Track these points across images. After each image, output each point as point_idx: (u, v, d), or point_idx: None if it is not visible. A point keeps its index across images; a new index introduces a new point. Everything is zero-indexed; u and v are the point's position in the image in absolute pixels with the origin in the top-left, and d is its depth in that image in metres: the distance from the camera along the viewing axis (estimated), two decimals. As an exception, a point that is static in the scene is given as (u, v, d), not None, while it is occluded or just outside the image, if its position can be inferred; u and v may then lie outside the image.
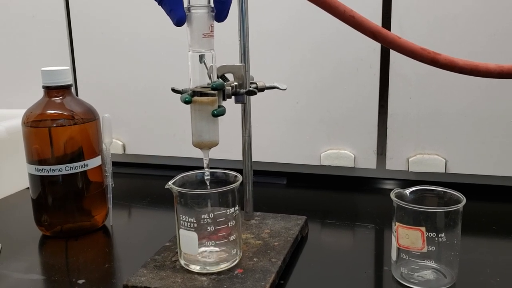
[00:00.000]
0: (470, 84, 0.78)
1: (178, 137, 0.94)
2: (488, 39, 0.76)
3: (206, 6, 0.54)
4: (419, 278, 0.54)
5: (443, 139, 0.81)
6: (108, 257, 0.65)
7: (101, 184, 0.72)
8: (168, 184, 0.56)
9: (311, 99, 0.86)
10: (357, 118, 0.84)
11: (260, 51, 0.83)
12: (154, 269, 0.56)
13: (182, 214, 0.55)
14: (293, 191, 0.90)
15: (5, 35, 1.02)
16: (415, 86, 0.81)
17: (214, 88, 0.55)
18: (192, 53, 0.55)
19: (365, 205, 0.83)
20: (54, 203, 0.69)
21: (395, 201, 0.55)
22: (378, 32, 0.52)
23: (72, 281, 0.58)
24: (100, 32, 0.95)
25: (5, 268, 0.62)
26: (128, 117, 0.97)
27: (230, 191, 0.56)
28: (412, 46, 0.52)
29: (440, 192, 0.57)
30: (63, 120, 0.68)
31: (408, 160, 0.83)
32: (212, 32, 0.55)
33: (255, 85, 0.63)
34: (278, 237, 0.64)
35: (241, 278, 0.54)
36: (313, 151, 0.88)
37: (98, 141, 0.71)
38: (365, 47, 0.81)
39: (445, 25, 0.77)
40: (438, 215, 0.53)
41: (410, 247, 0.53)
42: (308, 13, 0.82)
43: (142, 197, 0.86)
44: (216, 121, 0.57)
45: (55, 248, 0.68)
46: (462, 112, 0.80)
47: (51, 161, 0.67)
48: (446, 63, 0.52)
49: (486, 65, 0.52)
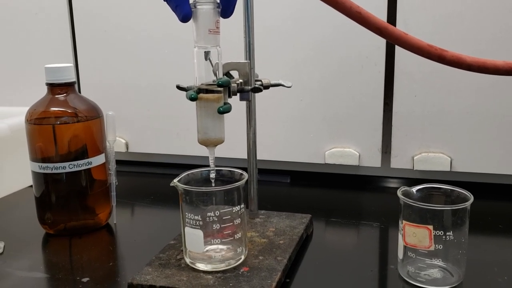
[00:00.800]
0: (475, 82, 0.77)
1: (182, 135, 0.94)
2: (494, 36, 0.75)
3: (212, 2, 0.54)
4: (426, 277, 0.54)
5: (448, 137, 0.81)
6: (112, 255, 0.65)
7: (105, 182, 0.72)
8: (174, 181, 0.55)
9: (315, 97, 0.85)
10: (362, 116, 0.84)
11: (265, 48, 0.83)
12: (159, 267, 0.56)
13: (188, 212, 0.55)
14: (297, 190, 0.90)
15: (8, 33, 1.02)
16: (420, 83, 0.80)
17: (220, 84, 0.54)
18: (198, 49, 0.55)
19: (370, 204, 0.82)
20: (57, 201, 0.69)
21: (402, 199, 0.54)
22: (385, 28, 0.52)
23: (76, 279, 0.57)
24: (103, 29, 0.95)
25: (9, 266, 0.61)
26: (131, 115, 0.96)
27: (236, 189, 0.55)
28: (419, 43, 0.52)
29: (447, 190, 0.56)
30: (66, 118, 0.68)
31: (413, 158, 0.83)
32: (218, 28, 0.55)
33: (260, 82, 0.63)
34: (283, 235, 0.63)
35: (247, 277, 0.53)
36: (317, 149, 0.87)
37: (102, 139, 0.71)
38: (369, 45, 0.81)
39: (450, 22, 0.77)
40: (446, 213, 0.52)
41: (417, 246, 0.53)
42: (313, 10, 0.82)
43: (146, 195, 0.86)
44: (222, 118, 0.56)
45: (58, 246, 0.67)
46: (467, 110, 0.79)
47: (55, 159, 0.67)
48: (454, 60, 0.52)
49: (494, 62, 0.52)
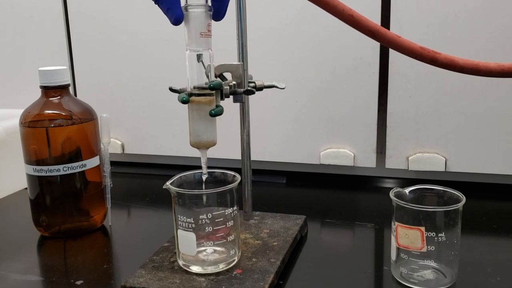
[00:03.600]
0: (469, 83, 0.77)
1: (177, 136, 0.94)
2: (488, 38, 0.75)
3: (203, 5, 0.54)
4: (419, 278, 0.54)
5: (443, 137, 0.81)
6: (106, 257, 0.65)
7: (100, 184, 0.72)
8: (166, 184, 0.55)
9: (310, 98, 0.85)
10: (357, 117, 0.84)
11: (259, 50, 0.83)
12: (152, 269, 0.56)
13: (180, 215, 0.55)
14: (293, 190, 0.90)
15: (2, 35, 1.02)
16: (415, 84, 0.80)
17: (212, 87, 0.55)
18: (190, 52, 0.55)
19: (364, 204, 0.82)
20: (52, 204, 0.69)
21: (395, 200, 0.54)
22: (377, 31, 0.52)
23: (70, 282, 0.57)
24: (98, 32, 0.95)
25: (3, 269, 0.61)
26: (127, 116, 0.96)
27: (229, 191, 0.55)
28: (411, 45, 0.52)
29: (440, 191, 0.56)
30: (60, 120, 0.68)
31: (408, 158, 0.83)
32: (209, 31, 0.55)
33: (254, 84, 0.63)
34: (277, 237, 0.63)
35: (239, 279, 0.53)
36: (313, 150, 0.87)
37: (96, 141, 0.71)
38: (364, 46, 0.81)
39: (444, 24, 0.77)
40: (438, 214, 0.52)
41: (409, 247, 0.53)
42: (307, 11, 0.82)
43: (141, 197, 0.86)
44: (213, 121, 0.56)
45: (53, 248, 0.67)
46: (461, 110, 0.79)
47: (49, 161, 0.67)
48: (446, 63, 0.52)
49: (487, 64, 0.52)
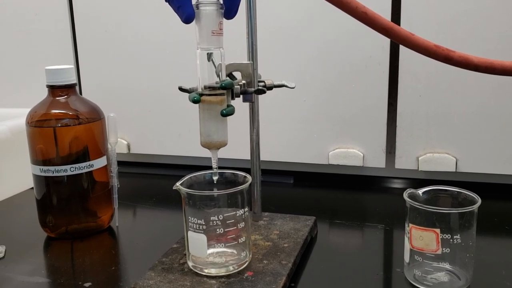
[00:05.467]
0: (480, 82, 0.76)
1: (184, 136, 0.93)
2: (500, 36, 0.75)
3: (215, 3, 0.53)
4: (433, 280, 0.53)
5: (453, 137, 0.80)
6: (114, 259, 0.64)
7: (107, 184, 0.71)
8: (176, 185, 0.54)
9: (319, 97, 0.85)
10: (366, 116, 0.83)
11: (268, 49, 0.82)
12: (162, 272, 0.55)
13: (191, 216, 0.54)
14: (301, 191, 0.89)
15: (8, 34, 1.01)
16: (425, 83, 0.79)
17: (223, 87, 0.54)
18: (201, 51, 0.54)
19: (374, 205, 0.81)
20: (59, 204, 0.68)
21: (408, 201, 0.53)
22: (391, 29, 0.51)
23: (78, 284, 0.57)
24: (104, 31, 0.94)
25: (10, 271, 0.61)
26: (133, 116, 0.96)
27: (239, 192, 0.55)
28: (426, 43, 0.51)
29: (454, 192, 0.55)
30: (68, 120, 0.67)
31: (418, 159, 0.82)
32: (221, 29, 0.54)
33: (263, 83, 0.62)
34: (287, 238, 0.62)
35: (251, 281, 0.53)
36: (321, 150, 0.86)
37: (104, 141, 0.70)
38: (374, 45, 0.80)
39: (455, 22, 0.76)
40: (453, 216, 0.52)
41: (424, 249, 0.52)
42: (316, 10, 0.81)
43: (148, 197, 0.85)
44: (225, 121, 0.56)
45: (60, 250, 0.67)
46: (472, 110, 0.78)
47: (56, 161, 0.66)
48: (461, 61, 0.51)
49: (502, 63, 0.51)
